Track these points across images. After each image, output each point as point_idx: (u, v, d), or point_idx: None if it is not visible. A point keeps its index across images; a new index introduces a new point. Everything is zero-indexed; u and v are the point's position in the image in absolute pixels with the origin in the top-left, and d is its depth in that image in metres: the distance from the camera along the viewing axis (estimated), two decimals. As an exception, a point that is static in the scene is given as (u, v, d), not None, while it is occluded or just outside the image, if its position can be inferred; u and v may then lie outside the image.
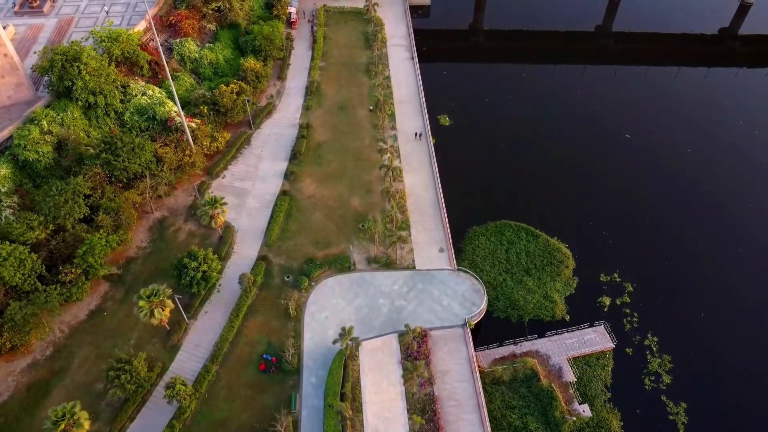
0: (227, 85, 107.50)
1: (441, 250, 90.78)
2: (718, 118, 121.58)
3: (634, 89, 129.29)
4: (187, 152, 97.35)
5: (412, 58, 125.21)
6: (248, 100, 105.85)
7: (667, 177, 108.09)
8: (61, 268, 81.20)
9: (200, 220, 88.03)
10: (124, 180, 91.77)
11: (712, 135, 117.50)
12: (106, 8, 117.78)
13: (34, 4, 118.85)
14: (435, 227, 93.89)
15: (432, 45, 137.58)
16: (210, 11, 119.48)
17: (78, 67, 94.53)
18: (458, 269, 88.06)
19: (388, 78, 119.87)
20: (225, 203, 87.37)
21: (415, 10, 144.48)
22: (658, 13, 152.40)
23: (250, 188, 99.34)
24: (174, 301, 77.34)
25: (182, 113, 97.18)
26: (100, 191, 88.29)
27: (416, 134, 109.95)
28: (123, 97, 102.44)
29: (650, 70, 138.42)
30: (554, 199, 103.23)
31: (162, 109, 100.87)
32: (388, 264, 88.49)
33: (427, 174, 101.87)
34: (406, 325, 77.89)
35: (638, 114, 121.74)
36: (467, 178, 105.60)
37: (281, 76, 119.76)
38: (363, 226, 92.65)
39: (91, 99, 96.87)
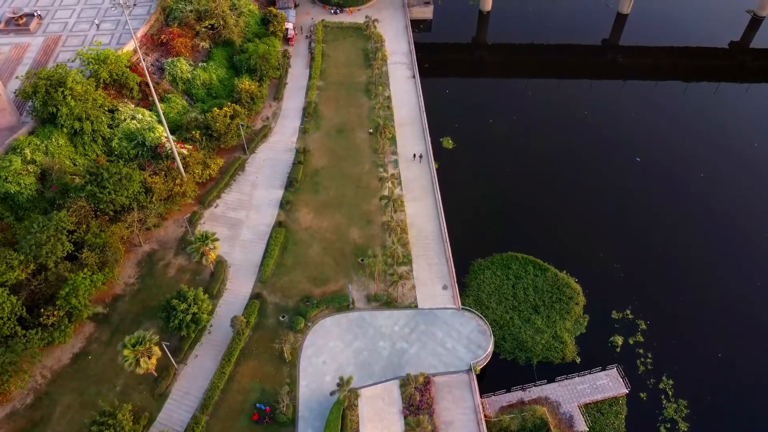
0: (221, 108, 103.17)
1: (444, 287, 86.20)
2: (730, 136, 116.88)
3: (643, 105, 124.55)
4: (178, 181, 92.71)
5: (414, 77, 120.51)
6: (242, 125, 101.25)
7: (680, 203, 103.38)
8: (42, 310, 76.55)
9: (191, 257, 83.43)
10: (111, 213, 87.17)
11: (726, 155, 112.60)
12: (96, 21, 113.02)
13: (20, 22, 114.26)
14: (438, 261, 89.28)
15: (434, 60, 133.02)
16: (203, 29, 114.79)
17: (63, 92, 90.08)
18: (463, 308, 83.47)
19: (388, 98, 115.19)
20: (216, 239, 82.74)
21: (416, 25, 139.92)
22: (666, 27, 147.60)
23: (244, 218, 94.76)
24: (161, 348, 72.77)
25: (172, 140, 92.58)
26: (84, 226, 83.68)
27: (415, 155, 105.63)
28: (111, 122, 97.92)
29: (658, 85, 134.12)
30: (562, 228, 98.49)
31: (152, 134, 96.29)
32: (388, 302, 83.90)
33: (429, 202, 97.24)
34: (408, 375, 73.31)
35: (647, 133, 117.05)
36: (471, 206, 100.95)
37: (277, 97, 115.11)
38: (362, 260, 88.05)
39: (77, 125, 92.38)
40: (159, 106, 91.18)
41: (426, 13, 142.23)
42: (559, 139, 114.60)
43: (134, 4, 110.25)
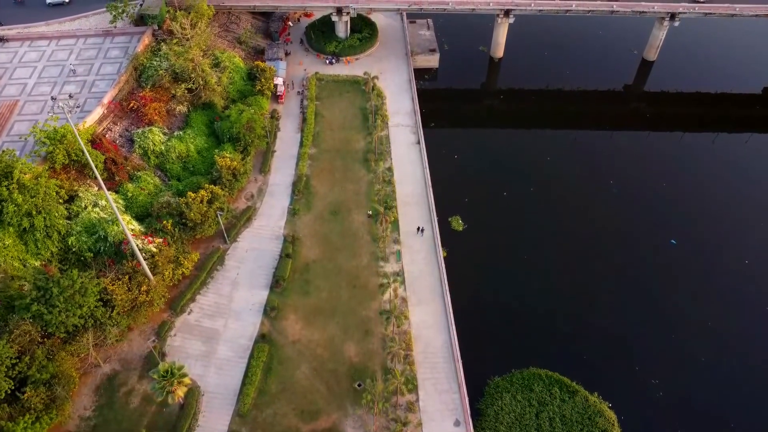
0: (198, 189, 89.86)
1: (457, 423, 72.77)
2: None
3: (674, 165, 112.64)
4: (144, 288, 79.12)
5: (419, 142, 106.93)
6: (221, 213, 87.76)
7: (725, 297, 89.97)
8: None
9: (154, 396, 70.02)
10: (62, 334, 73.80)
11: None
12: (53, 95, 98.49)
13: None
14: (449, 387, 75.84)
15: (441, 116, 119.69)
16: (181, 92, 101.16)
17: (9, 186, 76.66)
18: (479, 454, 70.35)
19: (390, 170, 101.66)
20: (185, 374, 69.36)
21: (421, 75, 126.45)
22: (694, 71, 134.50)
23: (221, 329, 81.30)
24: None
25: (137, 237, 79.15)
26: (29, 357, 70.27)
27: (418, 229, 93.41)
28: (69, 213, 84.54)
29: (685, 136, 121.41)
30: (592, 335, 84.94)
31: (115, 228, 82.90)
32: (391, 447, 70.77)
33: (437, 307, 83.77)
34: None
35: (681, 203, 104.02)
36: (485, 307, 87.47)
37: (264, 169, 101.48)
38: (360, 385, 74.80)
39: (26, 223, 78.78)
40: (112, 201, 77.12)
41: (431, 61, 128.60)
42: (582, 218, 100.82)
43: (77, 107, 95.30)
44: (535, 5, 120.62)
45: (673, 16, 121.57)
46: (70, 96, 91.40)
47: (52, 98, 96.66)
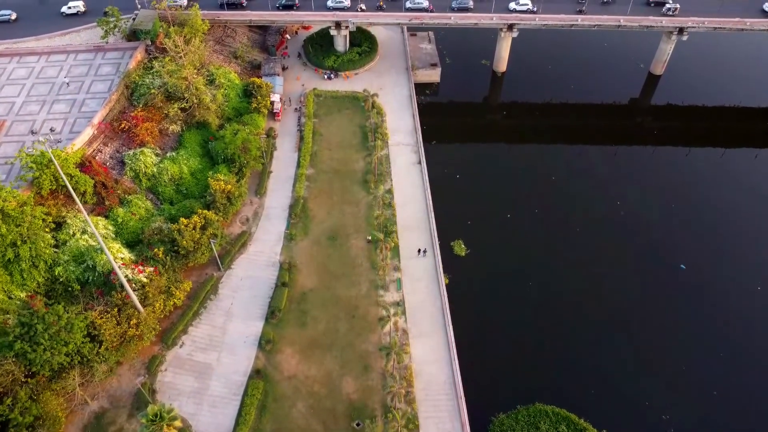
0: (191, 215, 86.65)
1: (460, 466, 69.78)
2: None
3: (677, 179, 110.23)
4: (134, 321, 75.84)
5: (420, 162, 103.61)
6: (214, 241, 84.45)
7: (738, 327, 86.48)
8: None
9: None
10: (47, 373, 70.53)
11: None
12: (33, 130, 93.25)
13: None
14: (452, 426, 72.37)
15: (442, 132, 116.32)
16: (174, 111, 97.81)
17: (-9, 215, 73.59)
18: (483, 501, 67.11)
19: (390, 192, 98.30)
20: (175, 417, 65.94)
21: (422, 90, 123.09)
22: (702, 86, 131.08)
23: (214, 363, 77.99)
24: None
25: (123, 278, 75.69)
26: (11, 398, 67.01)
27: (420, 251, 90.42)
28: (56, 241, 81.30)
29: (694, 152, 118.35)
30: (600, 369, 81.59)
31: (104, 257, 79.55)
32: (391, 493, 67.55)
33: (439, 339, 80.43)
34: None
35: (688, 224, 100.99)
36: (490, 340, 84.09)
37: (260, 191, 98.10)
38: (359, 424, 71.60)
39: (11, 254, 75.59)
40: (97, 233, 73.86)
41: (433, 76, 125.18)
42: (588, 241, 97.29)
43: (58, 141, 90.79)
44: (539, 19, 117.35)
45: (681, 31, 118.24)
46: (52, 130, 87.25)
47: (32, 132, 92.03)
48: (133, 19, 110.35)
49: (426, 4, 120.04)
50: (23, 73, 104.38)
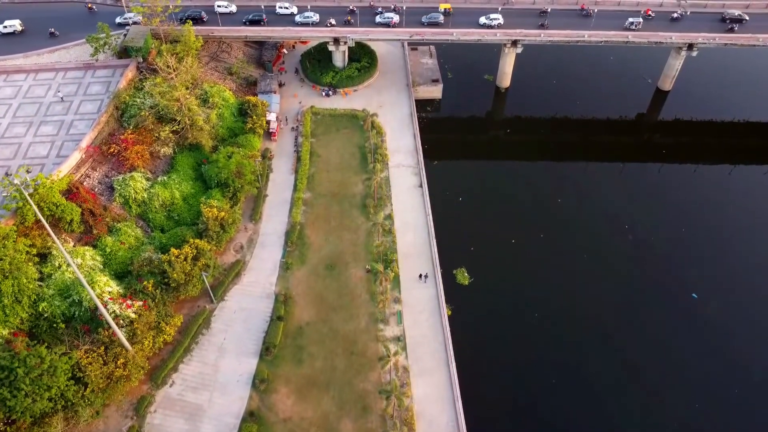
0: (182, 244, 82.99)
1: None
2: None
3: (686, 200, 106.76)
4: (121, 360, 72.14)
5: (421, 185, 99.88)
6: (206, 274, 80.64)
7: (753, 361, 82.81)
8: None
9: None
10: (28, 419, 66.83)
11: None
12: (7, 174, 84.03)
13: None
14: (454, 473, 69.20)
15: (443, 150, 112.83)
16: (165, 134, 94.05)
17: (-29, 253, 69.89)
18: None
19: (390, 217, 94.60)
20: (163, 470, 62.62)
21: (423, 106, 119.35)
22: (711, 102, 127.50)
23: (206, 404, 74.25)
24: None
25: (109, 317, 72.06)
26: (-12, 450, 63.55)
27: (421, 276, 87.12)
28: (41, 274, 77.57)
29: (703, 171, 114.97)
30: (610, 407, 78.01)
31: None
32: None
33: (442, 377, 76.66)
34: None
35: (699, 249, 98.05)
36: (495, 377, 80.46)
37: (255, 217, 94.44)
38: (357, 473, 68.12)
39: (-9, 290, 72.08)
40: (78, 271, 70.15)
41: (434, 92, 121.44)
42: (596, 269, 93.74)
43: (34, 187, 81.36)
44: (545, 35, 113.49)
45: (691, 47, 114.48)
46: (28, 171, 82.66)
47: (6, 174, 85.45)
48: (124, 35, 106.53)
49: (396, 19, 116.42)
50: (10, 93, 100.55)
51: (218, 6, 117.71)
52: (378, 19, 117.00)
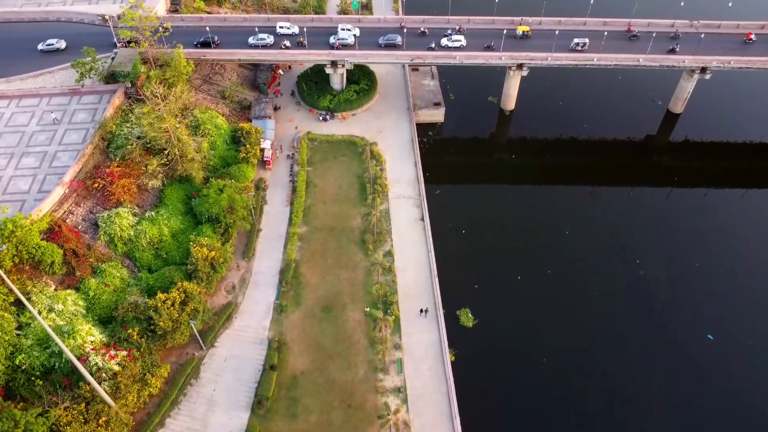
0: (170, 287, 78.49)
1: None
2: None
3: (700, 229, 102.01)
4: (103, 418, 67.59)
5: (422, 219, 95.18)
6: (194, 322, 75.79)
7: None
8: None
9: None
10: (1, 488, 62.37)
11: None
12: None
13: None
14: None
15: (446, 178, 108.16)
16: (153, 166, 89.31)
17: (-58, 301, 65.32)
18: None
19: (390, 254, 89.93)
20: None
21: (424, 131, 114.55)
22: (724, 125, 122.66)
23: (194, 464, 69.96)
24: None
25: (88, 375, 67.49)
26: None
27: (421, 311, 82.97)
28: (18, 322, 72.89)
29: (713, 196, 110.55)
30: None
31: (72, 342, 71.22)
32: None
33: (445, 433, 72.37)
34: None
35: (714, 284, 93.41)
36: (500, 429, 76.16)
37: (247, 254, 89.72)
38: None
39: (-36, 343, 67.48)
40: (47, 326, 65.18)
41: (436, 116, 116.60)
42: (607, 308, 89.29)
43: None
44: (552, 59, 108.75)
45: (704, 70, 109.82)
46: (5, 212, 77.56)
47: None
48: (112, 59, 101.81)
49: (351, 41, 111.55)
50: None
51: (280, 27, 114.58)
52: (332, 40, 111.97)
